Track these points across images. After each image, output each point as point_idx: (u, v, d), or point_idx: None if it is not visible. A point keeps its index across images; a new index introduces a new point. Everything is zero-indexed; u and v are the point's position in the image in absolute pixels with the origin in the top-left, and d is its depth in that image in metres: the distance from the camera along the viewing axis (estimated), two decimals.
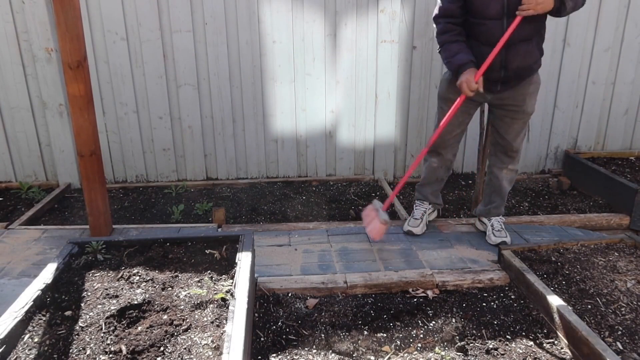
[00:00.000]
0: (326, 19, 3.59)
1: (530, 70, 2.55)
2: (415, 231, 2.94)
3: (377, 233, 2.75)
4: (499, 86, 2.59)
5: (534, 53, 2.49)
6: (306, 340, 2.05)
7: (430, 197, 3.02)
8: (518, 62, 2.48)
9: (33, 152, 3.75)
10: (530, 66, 2.53)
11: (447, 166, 2.93)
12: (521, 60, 2.48)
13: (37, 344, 1.71)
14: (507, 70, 2.51)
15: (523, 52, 2.46)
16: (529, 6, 2.29)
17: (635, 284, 2.31)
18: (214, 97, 3.71)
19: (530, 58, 2.49)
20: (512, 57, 2.46)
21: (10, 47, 3.47)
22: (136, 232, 3.01)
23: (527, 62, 2.50)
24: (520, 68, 2.51)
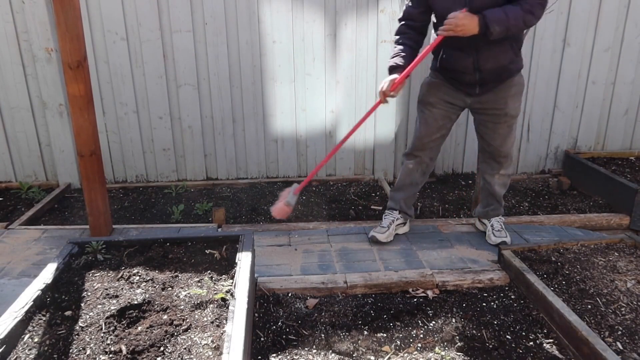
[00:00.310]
0: (326, 19, 3.59)
1: (508, 71, 2.51)
2: (380, 238, 2.83)
3: (278, 212, 2.61)
4: (477, 89, 2.57)
5: (507, 54, 2.44)
6: (306, 340, 2.05)
7: (402, 205, 2.90)
8: (491, 64, 2.45)
9: (33, 152, 3.75)
10: (506, 67, 2.48)
11: (423, 170, 2.85)
12: (494, 62, 2.45)
13: (37, 344, 1.71)
14: (482, 72, 2.49)
15: (495, 53, 2.42)
16: (449, 27, 2.29)
17: (635, 284, 2.31)
18: (214, 97, 3.71)
19: (503, 59, 2.45)
20: (484, 58, 2.44)
21: (10, 47, 3.47)
22: (136, 232, 3.01)
23: (501, 63, 2.46)
24: (494, 69, 2.47)
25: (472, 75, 2.52)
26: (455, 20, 2.26)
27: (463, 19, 2.25)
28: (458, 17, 2.26)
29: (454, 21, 2.26)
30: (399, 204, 2.92)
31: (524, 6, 2.24)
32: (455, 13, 2.28)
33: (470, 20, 2.25)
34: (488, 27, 2.24)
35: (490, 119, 2.63)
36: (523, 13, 2.23)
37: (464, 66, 2.50)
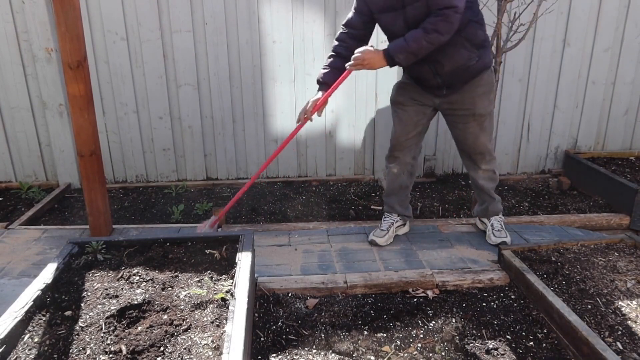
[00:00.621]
0: (326, 19, 3.59)
1: (470, 69, 2.50)
2: (379, 241, 2.83)
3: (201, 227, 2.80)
4: (444, 90, 2.59)
5: (461, 52, 2.44)
6: (306, 340, 2.05)
7: (398, 208, 2.91)
8: (448, 66, 2.46)
9: (33, 152, 3.75)
10: (465, 65, 2.47)
11: (408, 171, 2.85)
12: (450, 63, 2.46)
13: (37, 344, 1.71)
14: (441, 76, 2.51)
15: (449, 55, 2.43)
16: (356, 62, 2.42)
17: (635, 284, 2.31)
18: (214, 97, 3.71)
19: (459, 58, 2.45)
20: (439, 62, 2.46)
21: (10, 47, 3.47)
22: (136, 232, 3.01)
23: (458, 63, 2.46)
24: (453, 70, 2.48)
25: (434, 80, 2.55)
26: (362, 56, 2.41)
27: (368, 54, 2.40)
28: (364, 53, 2.40)
29: (361, 56, 2.41)
30: (395, 208, 2.92)
31: (426, 27, 2.27)
32: (362, 48, 2.42)
33: (376, 55, 2.39)
34: (393, 58, 2.35)
35: (460, 120, 2.64)
36: (424, 34, 2.27)
37: (423, 73, 2.55)
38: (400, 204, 2.92)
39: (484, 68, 2.54)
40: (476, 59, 2.49)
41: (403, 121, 2.74)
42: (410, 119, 2.72)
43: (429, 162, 4.00)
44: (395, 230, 2.92)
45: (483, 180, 2.81)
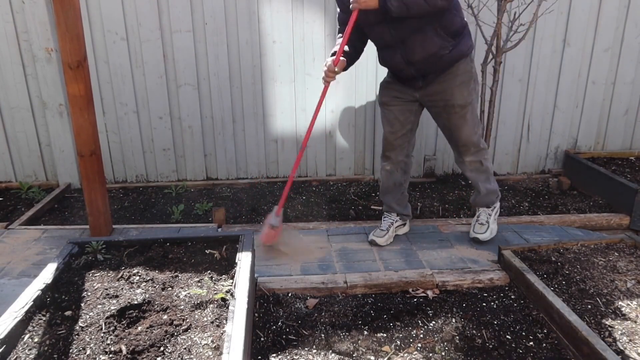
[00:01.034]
0: (326, 19, 3.59)
1: (443, 58, 2.47)
2: (379, 241, 2.83)
3: (267, 238, 2.71)
4: (420, 82, 2.59)
5: (432, 40, 2.42)
6: (306, 340, 2.05)
7: (396, 207, 2.91)
8: (419, 54, 2.45)
9: (33, 152, 3.75)
10: (438, 54, 2.45)
11: (402, 169, 2.85)
12: (421, 51, 2.44)
13: (37, 344, 1.71)
14: (414, 64, 2.50)
15: (418, 43, 2.43)
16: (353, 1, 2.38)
17: (635, 284, 2.31)
18: (214, 97, 3.71)
19: (431, 46, 2.43)
20: (410, 50, 2.46)
21: (10, 47, 3.47)
22: (136, 232, 3.01)
23: (428, 51, 2.44)
24: (425, 58, 2.46)
25: (407, 70, 2.55)
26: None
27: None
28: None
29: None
30: (393, 207, 2.92)
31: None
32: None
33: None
34: (385, 2, 2.30)
35: (441, 111, 2.63)
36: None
37: (396, 62, 2.55)
38: (397, 202, 2.92)
39: (460, 57, 2.51)
40: (450, 47, 2.47)
41: (390, 121, 2.76)
42: (396, 119, 2.73)
43: (429, 162, 4.00)
44: (395, 230, 2.91)
45: (470, 172, 2.80)
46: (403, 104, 2.71)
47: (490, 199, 2.87)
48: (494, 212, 2.89)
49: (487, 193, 2.84)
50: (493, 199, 2.87)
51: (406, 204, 2.97)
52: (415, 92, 2.65)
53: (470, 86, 2.58)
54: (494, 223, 2.87)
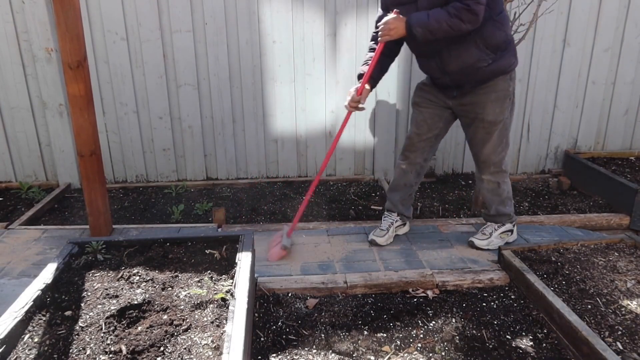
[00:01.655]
0: (326, 19, 3.59)
1: (478, 70, 2.44)
2: (379, 241, 2.83)
3: (274, 256, 2.71)
4: (454, 91, 2.57)
5: (470, 52, 2.39)
6: (306, 340, 2.05)
7: (399, 206, 2.91)
8: (454, 64, 2.44)
9: (33, 152, 3.75)
10: (475, 66, 2.42)
11: (417, 171, 2.84)
12: (457, 62, 2.43)
13: (37, 344, 1.71)
14: (449, 74, 2.49)
15: (456, 53, 2.41)
16: (383, 33, 2.40)
17: (635, 284, 2.31)
18: (214, 97, 3.71)
19: (468, 58, 2.40)
20: (446, 60, 2.45)
21: (10, 47, 3.47)
22: (136, 232, 3.01)
23: (466, 63, 2.42)
24: (460, 70, 2.45)
25: (442, 79, 2.54)
26: (388, 25, 2.38)
27: (393, 22, 2.36)
28: (389, 22, 2.37)
29: (386, 26, 2.38)
30: (397, 206, 2.91)
31: (449, 11, 2.25)
32: (386, 18, 2.38)
33: (400, 23, 2.36)
34: (411, 29, 2.32)
35: (470, 122, 2.61)
36: (447, 17, 2.25)
37: (432, 70, 2.55)
38: (402, 202, 2.91)
39: (499, 72, 2.46)
40: (489, 61, 2.42)
41: (417, 122, 2.74)
42: (425, 121, 2.72)
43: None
44: (395, 229, 2.91)
45: (485, 191, 2.77)
46: (435, 108, 2.69)
47: (499, 219, 2.82)
48: (500, 229, 2.82)
49: (496, 214, 2.81)
50: (503, 220, 2.82)
51: (410, 205, 2.97)
52: (448, 100, 2.64)
53: (505, 104, 2.53)
54: (498, 238, 2.81)
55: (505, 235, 2.82)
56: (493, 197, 2.77)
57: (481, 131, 2.58)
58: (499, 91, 2.50)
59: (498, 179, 2.70)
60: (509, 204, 2.80)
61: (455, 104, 2.62)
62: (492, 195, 2.77)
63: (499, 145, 2.61)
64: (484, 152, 2.63)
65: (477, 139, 2.62)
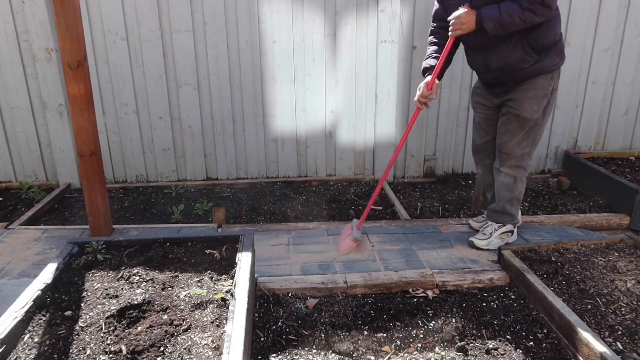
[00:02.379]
0: (326, 19, 3.59)
1: (519, 71, 2.47)
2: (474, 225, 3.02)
3: (345, 247, 2.74)
4: (497, 88, 2.61)
5: (515, 52, 2.42)
6: (306, 340, 2.05)
7: None
8: (497, 62, 2.48)
9: (33, 152, 3.75)
10: (515, 65, 2.45)
11: (491, 172, 2.87)
12: (501, 60, 2.46)
13: (37, 344, 1.71)
14: (491, 71, 2.54)
15: (501, 51, 2.44)
16: (455, 27, 2.40)
17: (635, 284, 2.30)
18: (214, 97, 3.71)
19: (510, 57, 2.44)
20: (490, 57, 2.49)
21: (10, 47, 3.47)
22: (136, 232, 3.01)
23: (508, 62, 2.45)
24: (503, 68, 2.48)
25: (486, 75, 2.59)
26: (460, 20, 2.37)
27: (465, 17, 2.36)
28: (461, 17, 2.37)
29: (458, 20, 2.38)
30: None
31: (522, 4, 2.25)
32: (457, 12, 2.38)
33: (471, 17, 2.36)
34: (482, 23, 2.33)
35: (505, 114, 2.63)
36: (520, 10, 2.25)
37: (477, 65, 2.60)
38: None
39: (540, 72, 2.49)
40: (532, 62, 2.45)
41: (474, 126, 2.84)
42: (479, 125, 2.79)
43: (428, 162, 4.01)
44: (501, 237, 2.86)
45: (499, 184, 2.76)
46: (485, 111, 2.74)
47: (502, 218, 2.82)
48: (501, 229, 2.81)
49: (502, 212, 2.80)
50: (505, 220, 2.82)
51: None
52: (495, 99, 2.67)
53: (542, 103, 2.54)
54: (498, 238, 2.80)
55: (505, 236, 2.82)
56: (505, 193, 2.77)
57: (513, 124, 2.60)
58: (537, 89, 2.52)
59: (516, 174, 2.71)
60: (517, 205, 2.80)
61: (500, 101, 2.65)
62: (505, 190, 2.77)
63: (525, 140, 2.63)
64: (508, 144, 2.65)
65: (507, 130, 2.63)
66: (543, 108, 2.55)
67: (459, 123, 3.95)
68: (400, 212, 3.34)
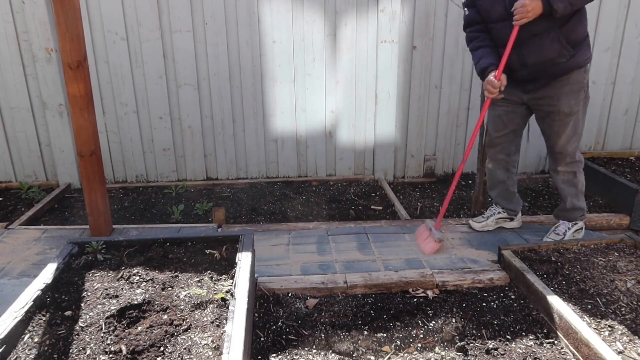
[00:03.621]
0: (326, 19, 3.59)
1: (556, 65, 2.47)
2: (474, 226, 3.00)
3: (431, 250, 2.75)
4: (530, 85, 2.60)
5: (552, 47, 2.43)
6: (306, 340, 2.05)
7: (500, 201, 2.99)
8: (534, 58, 2.47)
9: (33, 152, 3.75)
10: (552, 60, 2.46)
11: (503, 166, 2.89)
12: (538, 56, 2.46)
13: (37, 344, 1.71)
14: (527, 67, 2.52)
15: (537, 47, 2.44)
16: (520, 15, 2.37)
17: (635, 284, 2.30)
18: (214, 97, 3.71)
19: (547, 52, 2.44)
20: (527, 53, 2.48)
21: (10, 47, 3.47)
22: (136, 232, 3.01)
23: (544, 57, 2.45)
24: (540, 63, 2.48)
25: (520, 71, 2.56)
26: (525, 7, 2.33)
27: (530, 4, 2.32)
28: (525, 4, 2.33)
29: (524, 8, 2.34)
30: (498, 202, 2.99)
31: None
32: (522, 0, 2.34)
33: (537, 2, 2.32)
34: (551, 5, 2.29)
35: (545, 115, 2.63)
36: None
37: (511, 62, 2.55)
38: (502, 197, 2.98)
39: (575, 67, 2.50)
40: (568, 56, 2.46)
41: (494, 120, 2.80)
42: (499, 118, 2.76)
43: (428, 162, 4.01)
44: (497, 221, 2.99)
45: (562, 184, 2.77)
46: (509, 105, 2.72)
47: (573, 215, 2.84)
48: (574, 227, 2.84)
49: (572, 209, 2.82)
50: (576, 216, 2.84)
51: (512, 199, 2.99)
52: (523, 95, 2.65)
53: (580, 96, 2.56)
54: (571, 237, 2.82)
55: (577, 234, 2.86)
56: (569, 189, 2.78)
57: (556, 123, 2.61)
58: (573, 83, 2.53)
59: (574, 169, 2.74)
60: (582, 198, 2.83)
61: (530, 98, 2.64)
62: (568, 187, 2.78)
63: (573, 136, 2.65)
64: (559, 144, 2.66)
65: (553, 131, 2.64)
66: (582, 101, 2.57)
67: (459, 123, 3.95)
68: (400, 212, 3.34)
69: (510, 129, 2.78)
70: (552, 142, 2.69)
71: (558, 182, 2.79)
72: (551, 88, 2.55)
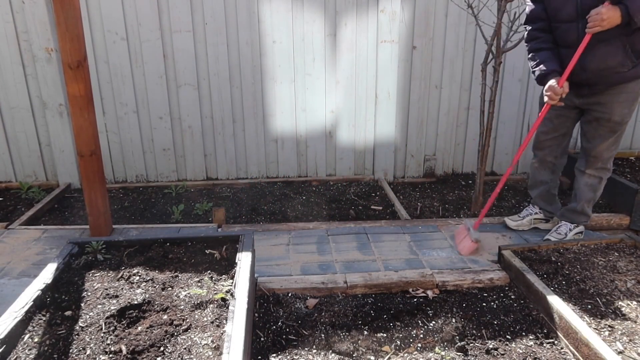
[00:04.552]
0: (326, 19, 3.59)
1: (617, 74, 2.45)
2: (510, 224, 3.01)
3: (468, 250, 2.74)
4: (585, 90, 2.57)
5: (616, 55, 2.39)
6: (306, 340, 2.05)
7: (539, 202, 2.99)
8: (596, 64, 2.43)
9: (33, 152, 3.75)
10: (614, 68, 2.43)
11: (549, 168, 2.89)
12: (600, 62, 2.42)
13: (37, 344, 1.71)
14: (587, 71, 2.48)
15: (601, 53, 2.41)
16: (594, 24, 2.32)
17: (635, 284, 2.31)
18: (214, 97, 3.71)
19: (611, 60, 2.41)
20: (590, 58, 2.44)
21: (10, 47, 3.47)
22: (136, 232, 3.01)
23: (607, 64, 2.42)
24: (601, 70, 2.45)
25: (578, 75, 2.51)
26: (601, 16, 2.29)
27: (607, 12, 2.28)
28: (602, 13, 2.28)
29: (599, 17, 2.29)
30: (536, 201, 2.99)
31: None
32: (598, 9, 2.30)
33: (614, 12, 2.28)
34: (632, 17, 2.25)
35: (594, 120, 2.61)
36: None
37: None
38: (541, 198, 2.98)
39: (635, 77, 2.47)
40: (630, 66, 2.43)
41: (543, 121, 2.77)
42: (550, 120, 2.75)
43: (428, 162, 4.01)
44: (533, 221, 3.00)
45: (583, 185, 2.77)
46: (561, 109, 2.69)
47: (578, 219, 2.87)
48: (576, 229, 2.88)
49: (581, 212, 2.84)
50: (581, 220, 2.88)
51: (552, 201, 3.00)
52: (576, 99, 2.63)
53: (633, 106, 2.55)
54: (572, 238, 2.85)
55: (577, 236, 2.88)
56: (588, 193, 2.79)
57: (604, 129, 2.59)
58: (628, 93, 2.51)
59: (601, 175, 2.75)
60: (592, 206, 2.87)
61: (583, 102, 2.62)
62: (588, 191, 2.79)
63: (614, 144, 2.65)
64: (598, 148, 2.65)
65: (597, 135, 2.63)
66: (633, 112, 2.56)
67: (459, 123, 3.95)
68: (400, 212, 3.34)
69: (559, 133, 2.77)
70: (591, 145, 2.67)
71: (580, 183, 2.78)
72: (606, 95, 2.52)
